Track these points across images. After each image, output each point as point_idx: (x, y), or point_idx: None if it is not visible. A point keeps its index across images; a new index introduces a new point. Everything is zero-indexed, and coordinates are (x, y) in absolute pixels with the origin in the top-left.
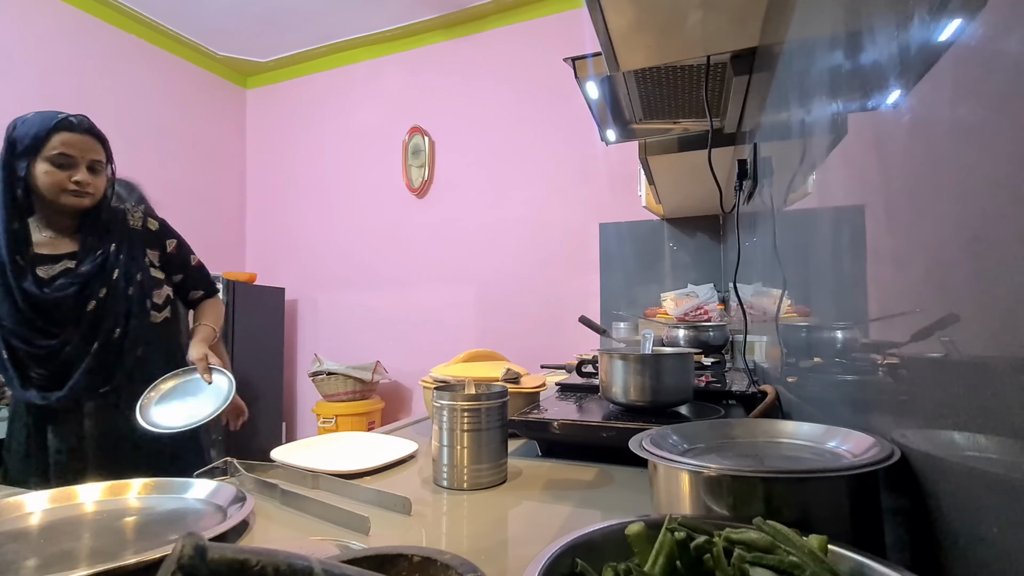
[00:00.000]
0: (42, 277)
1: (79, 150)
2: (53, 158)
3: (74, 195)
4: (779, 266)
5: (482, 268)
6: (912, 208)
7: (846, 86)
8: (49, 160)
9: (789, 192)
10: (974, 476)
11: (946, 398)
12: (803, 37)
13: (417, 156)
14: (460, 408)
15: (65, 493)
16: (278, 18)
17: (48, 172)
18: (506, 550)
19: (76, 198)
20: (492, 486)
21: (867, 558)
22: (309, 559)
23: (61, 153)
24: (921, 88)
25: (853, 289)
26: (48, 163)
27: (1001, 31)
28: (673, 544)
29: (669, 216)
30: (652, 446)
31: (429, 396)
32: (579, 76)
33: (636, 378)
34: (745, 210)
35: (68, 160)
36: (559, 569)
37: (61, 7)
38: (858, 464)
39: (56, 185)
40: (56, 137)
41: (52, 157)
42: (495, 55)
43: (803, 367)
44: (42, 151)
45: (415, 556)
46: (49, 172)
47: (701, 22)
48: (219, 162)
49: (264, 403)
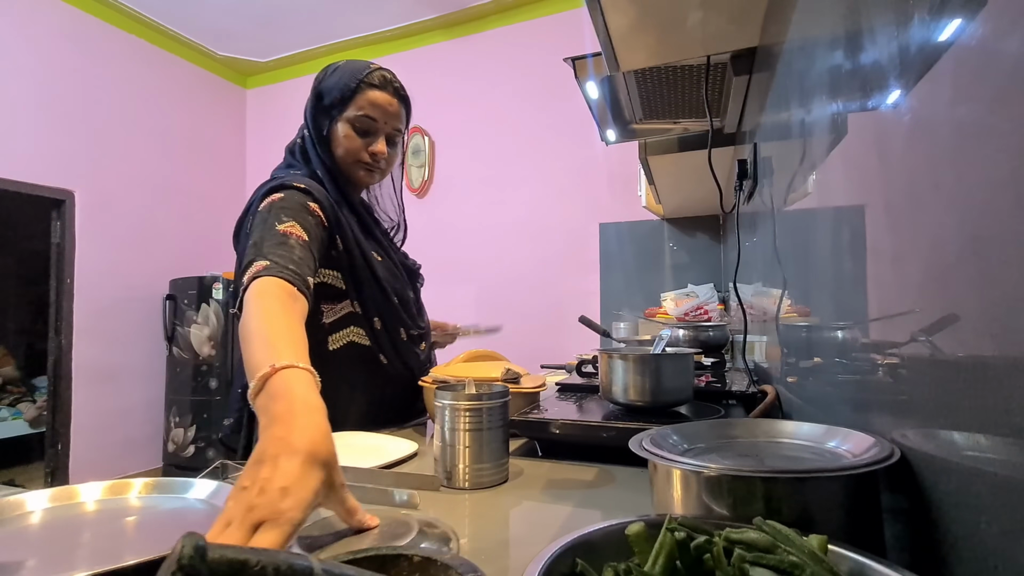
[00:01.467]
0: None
1: (383, 114)
2: (356, 119)
3: (366, 169)
4: (779, 266)
5: (482, 268)
6: (912, 208)
7: (846, 86)
8: (351, 122)
9: (789, 192)
10: (974, 476)
11: (946, 398)
12: (803, 37)
13: (417, 156)
14: (462, 408)
15: (66, 492)
16: (278, 18)
17: (348, 136)
18: (506, 549)
19: (367, 173)
20: (494, 485)
21: (867, 558)
22: (309, 559)
23: (366, 115)
24: (921, 88)
25: (853, 289)
26: (349, 126)
27: (1001, 31)
28: (673, 544)
29: (669, 216)
30: (652, 446)
31: (430, 396)
32: (579, 76)
33: (636, 378)
34: (745, 210)
35: (371, 125)
36: (559, 569)
37: (61, 7)
38: (858, 464)
39: (352, 153)
40: (363, 96)
41: (355, 119)
42: (495, 55)
43: (803, 367)
44: (347, 110)
45: (415, 556)
46: (348, 136)
47: (701, 22)
48: (219, 162)
49: None
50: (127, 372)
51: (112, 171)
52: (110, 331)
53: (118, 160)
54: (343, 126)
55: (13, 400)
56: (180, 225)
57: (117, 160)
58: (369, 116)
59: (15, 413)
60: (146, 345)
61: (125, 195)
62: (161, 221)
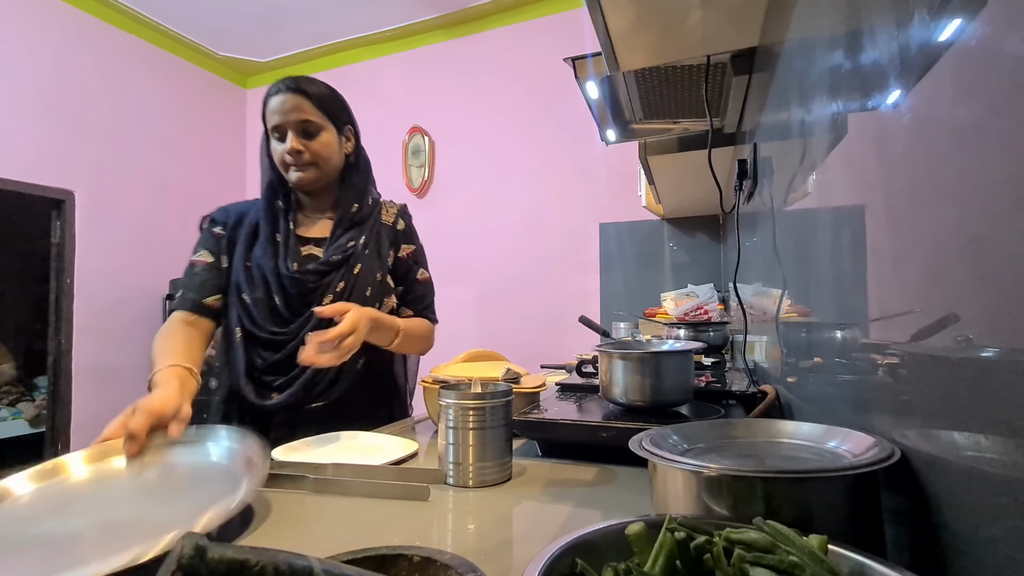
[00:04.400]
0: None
1: (282, 114)
2: (271, 130)
3: (293, 168)
4: (779, 266)
5: (482, 268)
6: (912, 208)
7: (846, 86)
8: (270, 134)
9: (789, 192)
10: (974, 476)
11: (946, 398)
12: (803, 37)
13: (417, 156)
14: (466, 407)
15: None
16: (278, 18)
17: (273, 148)
18: (506, 549)
19: (296, 171)
20: (497, 484)
21: (867, 558)
22: (309, 559)
23: (274, 124)
24: (921, 88)
25: (853, 289)
26: (272, 138)
27: (1001, 31)
28: (673, 544)
29: (669, 216)
30: (652, 446)
31: (429, 396)
32: (579, 76)
33: (636, 378)
34: (745, 210)
35: (280, 129)
36: (559, 569)
37: (61, 7)
38: (858, 464)
39: (279, 160)
40: (268, 107)
41: (270, 130)
42: (495, 55)
43: (803, 367)
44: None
45: (415, 556)
46: (273, 148)
47: (701, 22)
48: (219, 162)
49: None
50: (127, 372)
51: (112, 171)
52: (110, 331)
53: (118, 160)
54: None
55: (13, 400)
56: (180, 225)
57: (117, 160)
58: (276, 123)
59: (15, 413)
60: (146, 345)
61: (125, 195)
62: (161, 221)
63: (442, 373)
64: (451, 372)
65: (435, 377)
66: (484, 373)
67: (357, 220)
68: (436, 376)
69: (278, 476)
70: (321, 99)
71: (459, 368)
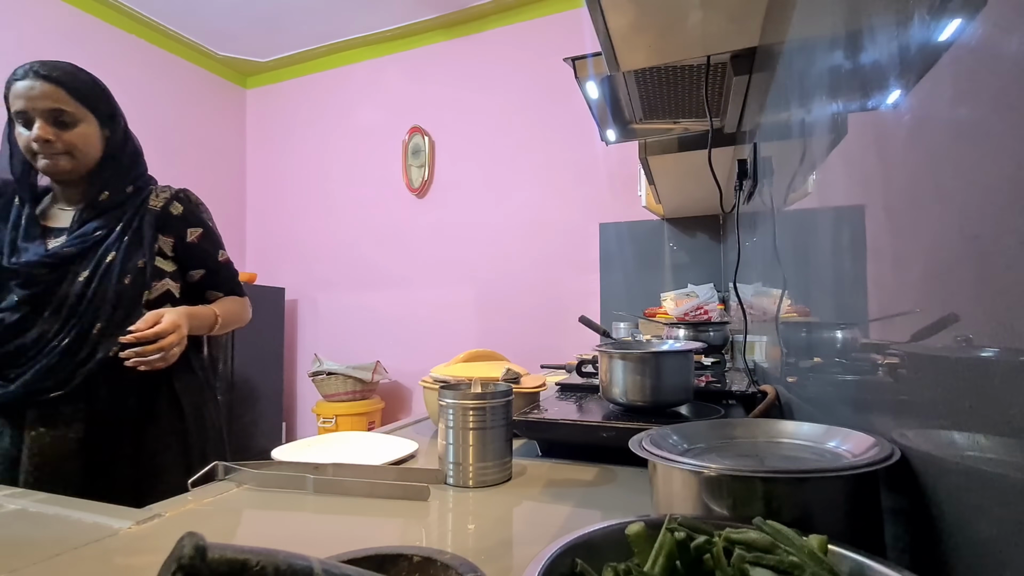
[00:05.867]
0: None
1: (29, 100)
2: (15, 116)
3: (42, 156)
4: (779, 266)
5: (482, 268)
6: (912, 208)
7: (846, 86)
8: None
9: (789, 192)
10: (974, 476)
11: (946, 398)
12: (803, 37)
13: (417, 156)
14: (466, 407)
15: None
16: (278, 18)
17: (18, 134)
18: (506, 549)
19: (45, 160)
20: (497, 484)
21: (867, 558)
22: (309, 559)
23: (18, 110)
24: (921, 88)
25: (853, 289)
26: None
27: (1001, 31)
28: (673, 544)
29: (669, 216)
30: (652, 446)
31: (429, 396)
32: (579, 76)
33: (636, 378)
34: (745, 210)
35: (26, 116)
36: (559, 569)
37: (61, 7)
38: (858, 464)
39: (25, 147)
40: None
41: (14, 116)
42: (495, 55)
43: (803, 367)
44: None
45: (415, 556)
46: (18, 134)
47: (701, 22)
48: (219, 162)
49: (264, 403)
50: None
51: None
52: None
53: None
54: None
55: None
56: None
57: None
58: (19, 108)
59: None
60: None
61: None
62: None
63: (442, 373)
64: (451, 372)
65: (435, 377)
66: (484, 373)
67: (105, 208)
68: (436, 376)
69: (278, 476)
70: (79, 90)
71: (459, 368)
